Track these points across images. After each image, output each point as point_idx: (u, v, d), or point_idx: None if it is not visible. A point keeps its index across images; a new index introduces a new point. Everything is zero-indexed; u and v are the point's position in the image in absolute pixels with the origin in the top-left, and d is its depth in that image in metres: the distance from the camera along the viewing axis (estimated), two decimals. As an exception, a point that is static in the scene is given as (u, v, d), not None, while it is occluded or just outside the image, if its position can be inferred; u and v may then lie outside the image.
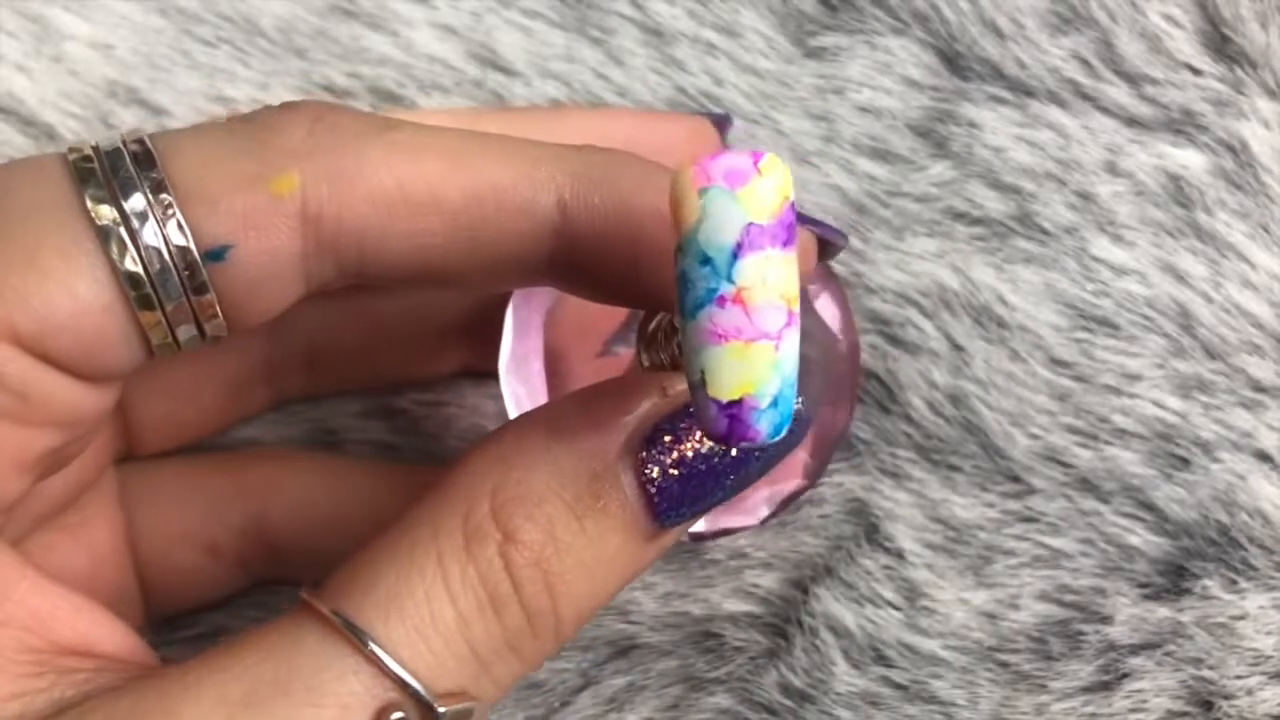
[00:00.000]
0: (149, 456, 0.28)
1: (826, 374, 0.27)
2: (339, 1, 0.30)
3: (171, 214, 0.20)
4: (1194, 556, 0.29)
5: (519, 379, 0.26)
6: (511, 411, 0.26)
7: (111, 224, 0.20)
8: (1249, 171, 0.29)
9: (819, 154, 0.30)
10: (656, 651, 0.29)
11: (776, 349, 0.18)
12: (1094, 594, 0.29)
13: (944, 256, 0.29)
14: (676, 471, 0.21)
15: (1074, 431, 0.29)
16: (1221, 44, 0.30)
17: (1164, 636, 0.29)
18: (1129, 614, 0.29)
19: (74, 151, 0.20)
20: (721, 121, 0.29)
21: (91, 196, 0.20)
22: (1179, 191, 0.29)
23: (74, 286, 0.19)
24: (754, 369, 0.18)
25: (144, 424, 0.27)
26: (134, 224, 0.20)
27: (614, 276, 0.21)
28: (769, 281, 0.18)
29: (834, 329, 0.27)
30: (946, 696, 0.29)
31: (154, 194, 0.20)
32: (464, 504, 0.21)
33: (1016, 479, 0.29)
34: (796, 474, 0.27)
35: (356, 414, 0.30)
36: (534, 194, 0.21)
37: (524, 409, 0.26)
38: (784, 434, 0.19)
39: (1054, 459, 0.29)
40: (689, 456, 0.21)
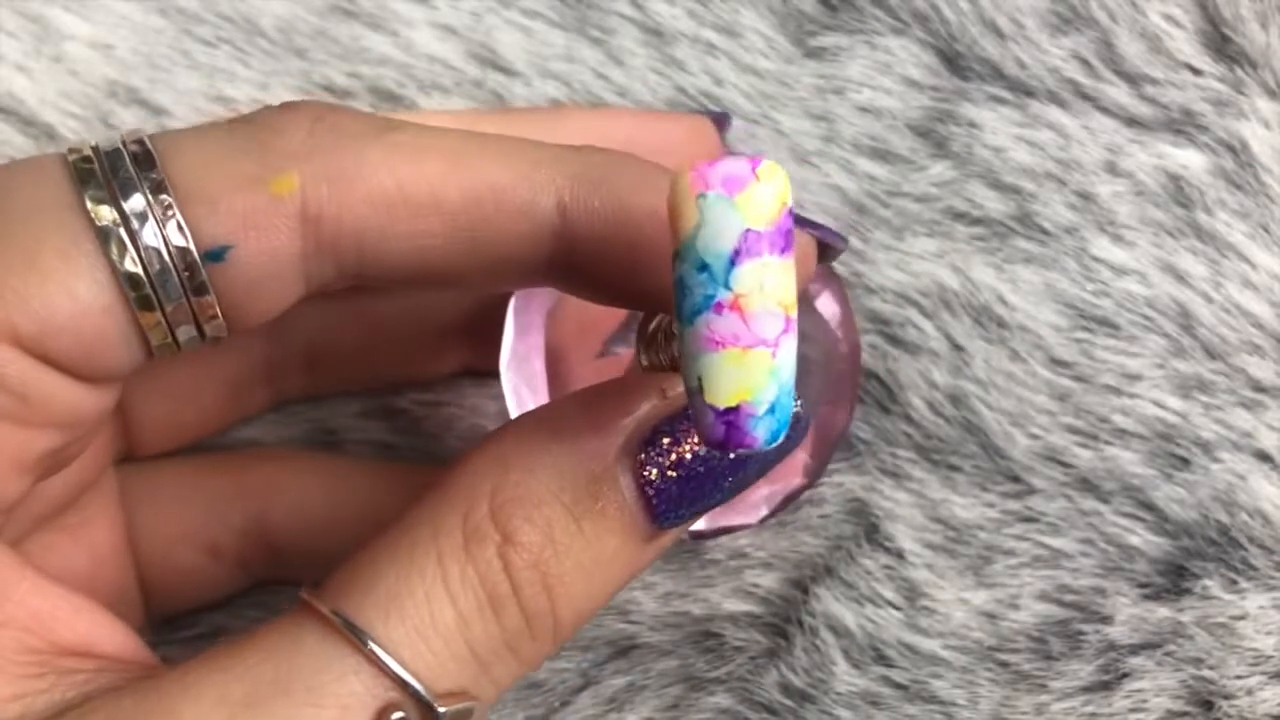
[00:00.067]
0: (149, 457, 0.28)
1: (826, 374, 0.27)
2: (339, 1, 0.30)
3: (171, 215, 0.20)
4: (1194, 556, 0.29)
5: (520, 377, 0.26)
6: (513, 410, 0.26)
7: (111, 225, 0.20)
8: (1249, 171, 0.29)
9: (819, 154, 0.30)
10: (656, 651, 0.29)
11: (774, 356, 0.18)
12: (1094, 594, 0.29)
13: (944, 256, 0.29)
14: (675, 473, 0.21)
15: (1074, 431, 0.29)
16: (1221, 44, 0.30)
17: (1164, 636, 0.29)
18: (1129, 614, 0.29)
19: (74, 152, 0.20)
20: (721, 120, 0.29)
21: (91, 197, 0.20)
22: (1179, 191, 0.29)
23: (74, 287, 0.19)
24: (751, 376, 0.18)
25: (144, 425, 0.27)
26: (134, 225, 0.20)
27: (614, 278, 0.21)
28: (766, 288, 0.18)
29: (834, 329, 0.27)
30: (947, 696, 0.29)
31: (154, 195, 0.20)
32: (463, 504, 0.21)
33: (1016, 479, 0.29)
34: (796, 474, 0.27)
35: (356, 414, 0.30)
36: (534, 196, 0.21)
37: (525, 408, 0.26)
38: (781, 439, 0.19)
39: (1054, 459, 0.29)
40: (687, 458, 0.21)
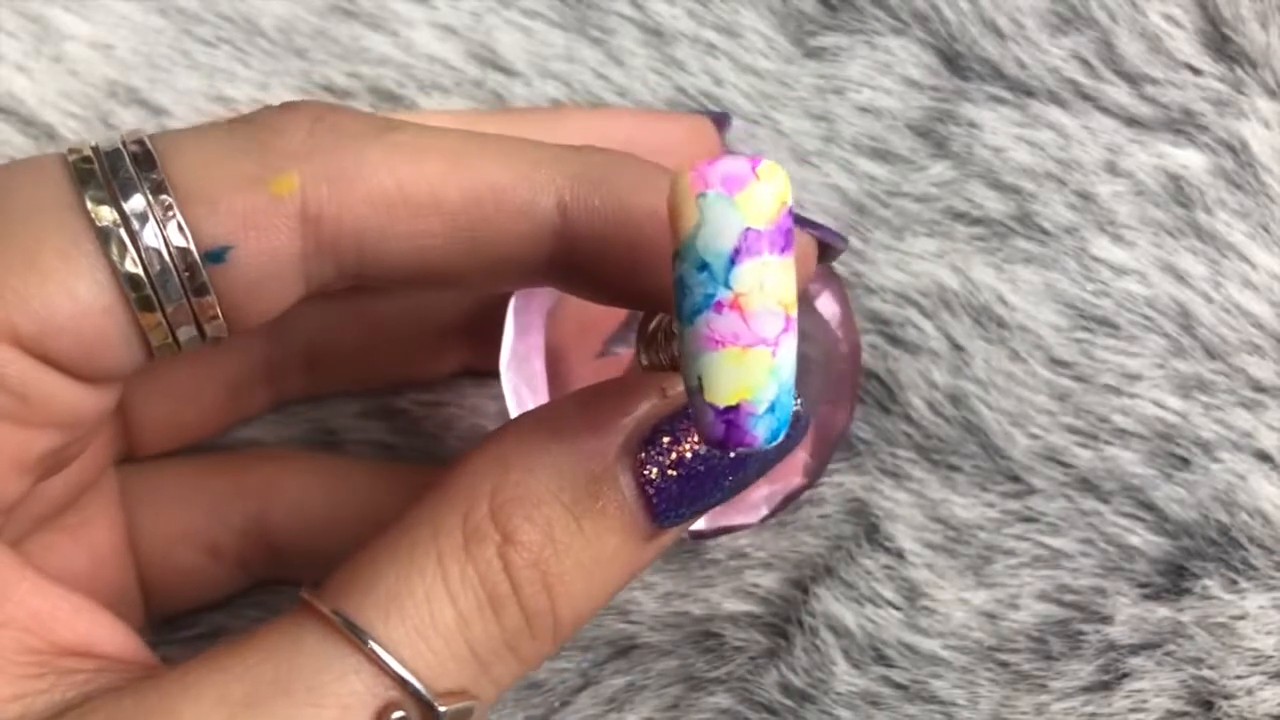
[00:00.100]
0: (149, 457, 0.28)
1: (826, 374, 0.27)
2: (339, 1, 0.30)
3: (171, 215, 0.20)
4: (1194, 556, 0.29)
5: (520, 377, 0.26)
6: (513, 409, 0.26)
7: (111, 225, 0.20)
8: (1249, 171, 0.29)
9: (819, 154, 0.30)
10: (656, 651, 0.29)
11: (774, 355, 0.18)
12: (1094, 594, 0.29)
13: (944, 256, 0.29)
14: (675, 472, 0.21)
15: (1074, 431, 0.29)
16: (1221, 44, 0.30)
17: (1164, 636, 0.29)
18: (1129, 614, 0.29)
19: (74, 152, 0.20)
20: (721, 120, 0.29)
21: (91, 197, 0.20)
22: (1179, 191, 0.29)
23: (74, 288, 0.19)
24: (751, 375, 0.18)
25: (144, 425, 0.27)
26: (134, 225, 0.20)
27: (614, 278, 0.21)
28: (766, 287, 0.18)
29: (834, 329, 0.27)
30: (947, 696, 0.29)
31: (154, 195, 0.20)
32: (463, 504, 0.21)
33: (1016, 479, 0.29)
34: (796, 473, 0.27)
35: (356, 414, 0.30)
36: (534, 196, 0.21)
37: (525, 407, 0.26)
38: (781, 438, 0.19)
39: (1054, 459, 0.29)
40: (687, 457, 0.21)
